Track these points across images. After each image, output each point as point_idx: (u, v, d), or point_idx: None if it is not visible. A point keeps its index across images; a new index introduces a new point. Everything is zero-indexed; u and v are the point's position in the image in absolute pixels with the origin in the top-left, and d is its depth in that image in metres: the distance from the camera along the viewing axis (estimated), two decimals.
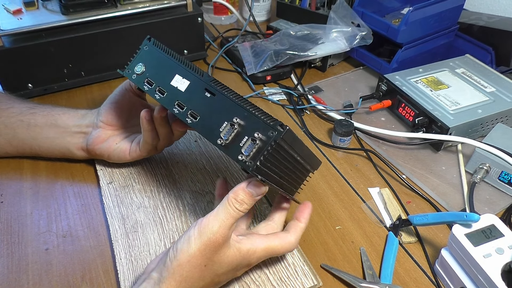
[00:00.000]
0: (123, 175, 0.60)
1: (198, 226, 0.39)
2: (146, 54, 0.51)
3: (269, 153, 0.39)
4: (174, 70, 0.47)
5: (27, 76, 0.73)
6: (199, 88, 0.45)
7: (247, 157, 0.39)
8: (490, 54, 0.82)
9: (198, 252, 0.38)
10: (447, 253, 0.48)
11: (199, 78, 0.45)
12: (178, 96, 0.46)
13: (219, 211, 0.39)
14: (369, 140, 0.70)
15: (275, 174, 0.42)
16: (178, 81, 0.47)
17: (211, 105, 0.43)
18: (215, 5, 1.01)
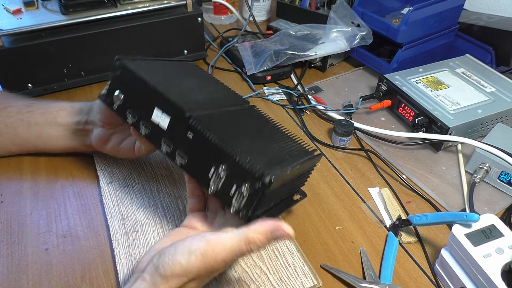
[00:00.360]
0: (123, 175, 0.60)
1: (204, 245, 0.37)
2: (119, 80, 0.45)
3: (259, 203, 0.38)
4: (152, 101, 0.42)
5: (27, 76, 0.73)
6: (181, 126, 0.40)
7: (239, 207, 0.38)
8: (490, 54, 0.82)
9: (195, 270, 0.37)
10: (447, 253, 0.48)
11: (178, 114, 0.40)
12: (162, 134, 0.42)
13: (231, 240, 0.36)
14: (369, 140, 0.70)
15: (270, 209, 0.42)
16: (159, 117, 0.42)
17: (195, 147, 0.40)
18: (215, 5, 1.01)
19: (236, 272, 0.48)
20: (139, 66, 0.45)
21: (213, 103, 0.46)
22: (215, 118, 0.43)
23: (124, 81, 0.45)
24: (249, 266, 0.49)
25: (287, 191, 0.46)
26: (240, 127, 0.45)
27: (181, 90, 0.45)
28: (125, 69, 0.44)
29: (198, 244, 0.37)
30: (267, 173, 0.37)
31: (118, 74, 0.45)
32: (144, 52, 0.81)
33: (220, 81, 0.56)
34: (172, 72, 0.50)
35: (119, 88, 0.45)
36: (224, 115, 0.45)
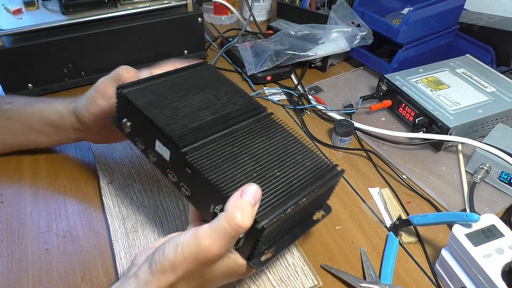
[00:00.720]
0: (123, 175, 0.60)
1: (191, 237, 0.35)
2: (123, 109, 0.45)
3: (256, 245, 0.37)
4: (153, 133, 0.42)
5: (27, 76, 0.73)
6: (179, 162, 0.40)
7: (239, 247, 0.38)
8: (491, 54, 0.82)
9: (184, 264, 0.35)
10: (447, 253, 0.48)
11: (174, 150, 0.40)
12: (167, 165, 0.41)
13: (214, 227, 0.35)
14: (369, 140, 0.70)
15: (279, 239, 0.41)
16: (161, 148, 0.41)
17: (194, 183, 0.40)
18: (215, 5, 1.01)
19: None
20: (139, 94, 0.44)
21: (220, 123, 0.44)
22: (217, 147, 0.41)
23: (128, 110, 0.45)
24: None
25: (302, 216, 0.44)
26: (246, 153, 0.42)
27: (185, 114, 0.44)
28: (125, 100, 0.44)
29: (185, 238, 0.36)
30: (259, 219, 0.35)
31: (121, 103, 0.45)
32: (144, 52, 0.81)
33: (235, 84, 0.51)
34: (178, 90, 0.47)
35: (125, 116, 0.45)
36: (230, 139, 0.43)
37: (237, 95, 0.49)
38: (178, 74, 0.50)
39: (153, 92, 0.45)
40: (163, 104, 0.44)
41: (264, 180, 0.39)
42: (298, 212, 0.41)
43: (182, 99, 0.46)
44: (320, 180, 0.41)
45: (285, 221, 0.40)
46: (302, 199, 0.39)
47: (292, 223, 0.43)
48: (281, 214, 0.37)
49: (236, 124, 0.45)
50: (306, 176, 0.41)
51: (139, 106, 0.42)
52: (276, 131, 0.46)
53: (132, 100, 0.43)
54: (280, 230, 0.41)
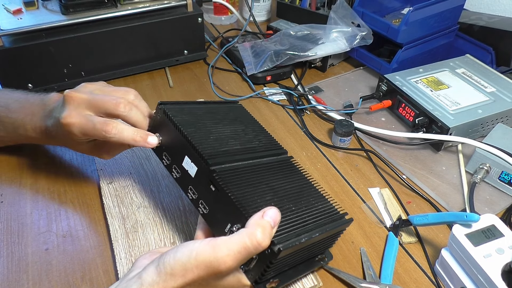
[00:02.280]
0: (123, 175, 0.60)
1: (207, 245, 0.36)
2: (159, 123, 0.48)
3: (267, 269, 0.38)
4: (184, 149, 0.44)
5: (27, 76, 0.73)
6: (205, 178, 0.42)
7: (248, 269, 0.39)
8: (491, 54, 0.82)
9: (195, 270, 0.35)
10: (447, 253, 0.48)
11: (203, 166, 0.42)
12: (190, 181, 0.44)
13: (235, 241, 0.36)
14: (369, 140, 0.70)
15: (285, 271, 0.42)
16: (188, 165, 0.44)
17: (216, 201, 0.41)
18: (215, 5, 1.01)
19: None
20: (178, 112, 0.47)
21: (246, 154, 0.47)
22: (241, 173, 0.44)
23: (163, 126, 0.47)
24: None
25: (308, 254, 0.45)
26: (266, 184, 0.44)
27: (216, 138, 0.47)
28: (165, 115, 0.47)
29: (201, 245, 0.36)
30: (277, 242, 0.37)
31: (158, 118, 0.48)
32: (144, 52, 0.81)
33: (262, 126, 0.55)
34: (212, 118, 0.50)
35: (158, 131, 0.48)
36: (253, 169, 0.45)
37: (262, 134, 0.53)
38: (213, 104, 0.55)
39: (190, 113, 0.49)
40: (198, 125, 0.47)
41: (281, 210, 0.40)
42: (307, 247, 0.43)
43: (215, 126, 0.49)
44: (332, 222, 0.44)
45: (295, 253, 0.41)
46: (315, 233, 0.41)
47: (299, 258, 0.44)
48: (297, 242, 0.39)
49: (259, 158, 0.48)
50: (319, 216, 0.44)
51: (177, 122, 0.45)
52: (294, 173, 0.49)
53: (171, 116, 0.46)
54: (288, 262, 0.42)
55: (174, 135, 0.46)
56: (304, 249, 0.43)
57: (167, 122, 0.46)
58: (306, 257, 0.46)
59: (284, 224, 0.40)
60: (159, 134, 0.48)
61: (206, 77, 0.84)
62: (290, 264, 0.43)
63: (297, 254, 0.42)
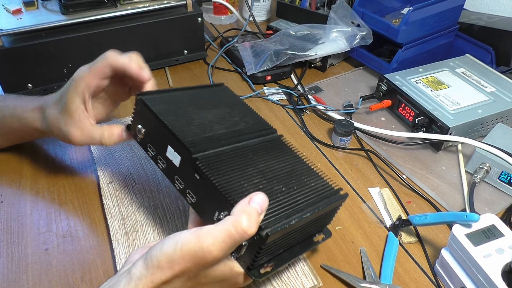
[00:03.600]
0: (123, 175, 0.60)
1: (192, 235, 0.35)
2: (140, 114, 0.47)
3: (258, 255, 0.37)
4: (166, 139, 0.43)
5: (27, 76, 0.73)
6: (189, 167, 0.41)
7: (240, 256, 0.38)
8: (490, 54, 0.82)
9: (181, 261, 0.35)
10: (447, 253, 0.48)
11: (186, 155, 0.41)
12: (176, 171, 0.42)
13: (219, 229, 0.35)
14: (369, 140, 0.70)
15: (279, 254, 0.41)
16: (172, 154, 0.43)
17: (202, 189, 0.40)
18: (215, 5, 1.01)
19: None
20: (158, 102, 0.46)
21: (232, 138, 0.46)
22: (227, 158, 0.42)
23: (144, 117, 0.46)
24: None
25: (303, 234, 0.44)
26: (254, 167, 0.43)
27: (199, 125, 0.45)
28: (144, 105, 0.46)
29: (186, 235, 0.36)
30: (264, 227, 0.36)
31: (138, 109, 0.47)
32: (144, 52, 0.81)
33: (249, 107, 0.53)
34: (195, 104, 0.49)
35: (140, 122, 0.47)
36: (240, 153, 0.44)
37: (250, 115, 0.51)
38: (196, 90, 0.53)
39: (171, 102, 0.47)
40: (179, 113, 0.46)
41: (270, 193, 0.40)
42: (300, 228, 0.41)
43: (198, 112, 0.47)
44: (325, 200, 0.43)
45: (287, 235, 0.40)
46: (306, 213, 0.40)
47: (293, 240, 0.43)
48: (285, 224, 0.37)
49: (246, 140, 0.46)
50: (311, 195, 0.42)
51: (156, 112, 0.44)
52: (284, 152, 0.47)
53: (150, 106, 0.45)
54: (281, 245, 0.41)
55: (155, 125, 0.44)
56: (297, 230, 0.41)
57: (147, 112, 0.45)
58: (301, 237, 0.44)
59: (273, 206, 0.38)
60: (141, 126, 0.46)
61: (206, 77, 0.84)
62: (284, 246, 0.42)
63: (290, 236, 0.41)
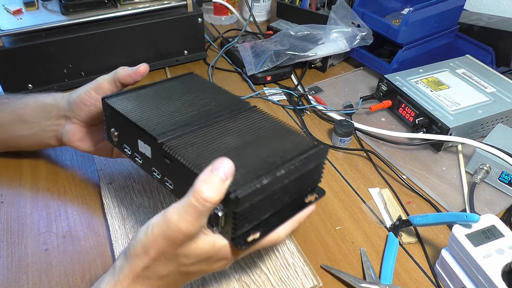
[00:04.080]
0: (123, 175, 0.60)
1: (160, 216, 0.35)
2: (109, 118, 0.48)
3: (236, 222, 0.36)
4: (135, 134, 0.44)
5: (27, 76, 0.73)
6: (159, 155, 0.41)
7: (222, 229, 0.37)
8: (490, 55, 0.82)
9: (154, 244, 0.35)
10: (447, 253, 0.48)
11: (153, 143, 0.41)
12: (150, 163, 0.43)
13: (182, 203, 0.34)
14: (369, 141, 0.70)
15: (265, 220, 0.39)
16: (143, 147, 0.43)
17: (175, 173, 0.40)
18: (215, 5, 1.01)
19: (236, 272, 0.48)
20: (123, 101, 0.47)
21: (200, 119, 0.45)
22: (194, 137, 0.42)
23: (113, 119, 0.47)
24: (249, 267, 0.49)
25: (290, 195, 0.42)
26: (222, 141, 0.42)
27: (165, 113, 0.46)
28: (108, 107, 0.47)
29: (155, 218, 0.36)
30: (232, 190, 0.34)
31: (107, 113, 0.48)
32: (144, 52, 0.81)
33: (221, 88, 0.52)
34: (162, 95, 0.49)
35: (112, 125, 0.48)
36: (208, 131, 0.43)
37: (221, 95, 0.50)
38: (164, 83, 0.53)
39: (136, 99, 0.48)
40: (144, 107, 0.46)
41: (240, 158, 0.39)
42: (282, 188, 0.40)
43: (166, 102, 0.48)
44: (301, 156, 0.40)
45: (268, 197, 0.38)
46: (280, 171, 0.38)
47: (278, 202, 0.41)
48: (257, 185, 0.36)
49: (216, 118, 0.46)
50: (286, 154, 0.40)
51: (119, 110, 0.45)
52: (258, 120, 0.46)
53: (114, 106, 0.46)
54: (264, 208, 0.39)
55: (123, 124, 0.45)
56: (279, 191, 0.39)
57: (114, 114, 0.46)
58: (289, 199, 0.42)
59: (244, 169, 0.37)
60: (114, 129, 0.48)
61: (206, 77, 0.84)
62: (269, 209, 0.40)
63: (271, 198, 0.39)
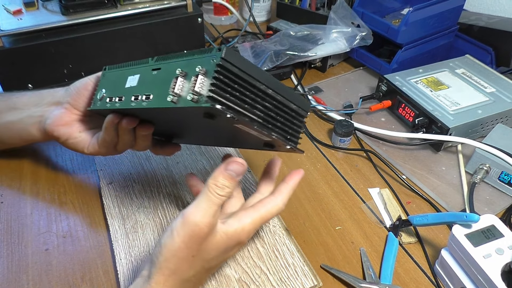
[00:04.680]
0: (123, 175, 0.60)
1: (181, 218, 0.38)
2: (104, 80, 0.49)
3: (217, 79, 0.34)
4: (126, 74, 0.45)
5: (27, 77, 0.73)
6: (147, 73, 0.42)
7: (197, 95, 0.34)
8: (490, 55, 0.82)
9: (182, 245, 0.37)
10: (447, 253, 0.48)
11: (145, 65, 0.43)
12: (133, 91, 0.43)
13: (200, 200, 0.38)
14: (369, 141, 0.70)
15: (238, 106, 0.36)
16: (131, 81, 0.44)
17: (160, 79, 0.40)
18: (215, 5, 1.01)
19: (236, 272, 0.48)
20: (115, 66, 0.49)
21: None
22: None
23: (108, 78, 0.48)
24: (249, 267, 0.49)
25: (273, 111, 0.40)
26: None
27: None
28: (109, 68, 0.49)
29: (176, 222, 0.38)
30: (219, 47, 0.35)
31: (103, 77, 0.49)
32: (144, 52, 0.81)
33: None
34: None
35: (102, 87, 0.48)
36: None
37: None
38: None
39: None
40: None
41: None
42: (265, 92, 0.39)
43: None
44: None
45: (248, 83, 0.37)
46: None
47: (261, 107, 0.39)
48: (243, 58, 0.36)
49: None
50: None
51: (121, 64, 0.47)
52: None
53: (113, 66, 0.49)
54: (245, 97, 0.37)
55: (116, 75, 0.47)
56: (262, 93, 0.38)
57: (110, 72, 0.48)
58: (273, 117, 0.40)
59: None
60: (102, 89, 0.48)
61: None
62: (251, 106, 0.38)
63: (254, 93, 0.38)
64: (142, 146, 0.50)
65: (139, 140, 0.49)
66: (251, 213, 0.42)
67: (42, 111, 0.54)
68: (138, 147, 0.50)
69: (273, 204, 0.43)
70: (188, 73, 0.36)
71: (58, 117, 0.52)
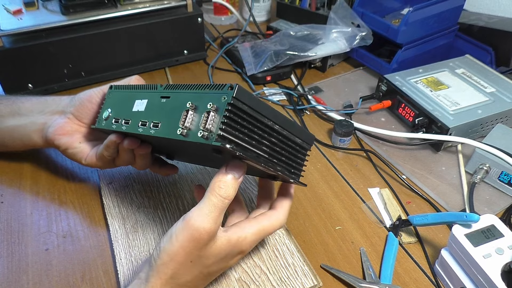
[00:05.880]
0: (123, 175, 0.60)
1: (182, 222, 0.37)
2: (110, 100, 0.50)
3: (227, 118, 0.35)
4: (133, 97, 0.46)
5: (27, 76, 0.73)
6: (156, 100, 0.43)
7: (207, 131, 0.35)
8: (490, 55, 0.82)
9: (181, 250, 0.37)
10: (447, 253, 0.48)
11: (154, 92, 0.44)
12: (141, 117, 0.44)
13: (203, 204, 0.37)
14: (369, 141, 0.70)
15: (246, 143, 0.37)
16: (138, 105, 0.45)
17: (169, 108, 0.41)
18: (215, 5, 1.01)
19: (236, 272, 0.48)
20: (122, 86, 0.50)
21: None
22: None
23: (114, 98, 0.49)
24: (249, 266, 0.49)
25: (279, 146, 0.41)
26: None
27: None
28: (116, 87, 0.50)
29: (177, 226, 0.38)
30: (230, 84, 0.35)
31: (110, 96, 0.50)
32: (144, 52, 0.81)
33: None
34: None
35: (108, 106, 0.49)
36: None
37: None
38: None
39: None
40: None
41: None
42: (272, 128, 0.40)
43: None
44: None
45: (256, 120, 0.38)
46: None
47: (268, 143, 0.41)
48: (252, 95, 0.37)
49: None
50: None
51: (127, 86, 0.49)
52: None
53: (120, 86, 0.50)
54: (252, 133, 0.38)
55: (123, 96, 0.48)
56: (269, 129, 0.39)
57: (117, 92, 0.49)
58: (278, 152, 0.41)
59: None
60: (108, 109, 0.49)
61: (206, 77, 0.84)
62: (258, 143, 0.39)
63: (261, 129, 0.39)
64: (141, 165, 0.52)
65: (138, 159, 0.51)
66: (254, 224, 0.42)
67: (46, 119, 0.55)
68: (137, 166, 0.52)
69: (275, 218, 0.44)
70: (198, 106, 0.37)
71: (61, 126, 0.53)
